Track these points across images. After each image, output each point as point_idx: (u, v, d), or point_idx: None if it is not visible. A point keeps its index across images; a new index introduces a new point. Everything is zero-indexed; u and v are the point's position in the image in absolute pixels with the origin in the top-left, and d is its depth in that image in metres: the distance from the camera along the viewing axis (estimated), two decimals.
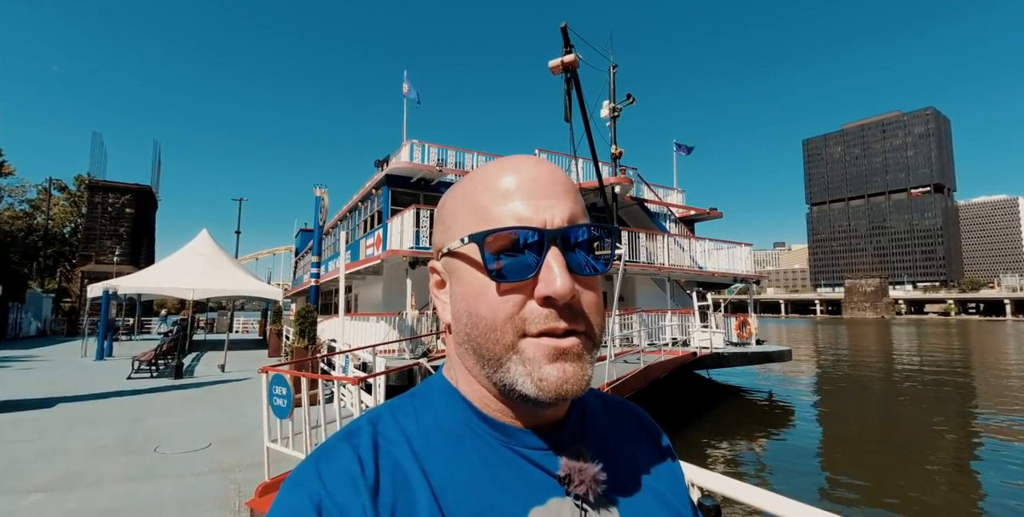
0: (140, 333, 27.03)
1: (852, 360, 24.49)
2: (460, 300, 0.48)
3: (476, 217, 0.46)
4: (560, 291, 0.42)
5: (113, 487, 4.21)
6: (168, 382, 9.94)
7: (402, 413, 0.49)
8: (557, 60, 7.91)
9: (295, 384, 4.15)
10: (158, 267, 16.58)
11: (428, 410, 0.50)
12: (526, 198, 0.45)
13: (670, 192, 18.03)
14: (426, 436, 0.47)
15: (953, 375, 18.43)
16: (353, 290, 16.85)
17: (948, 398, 13.74)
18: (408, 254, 10.45)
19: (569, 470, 0.47)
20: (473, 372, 0.49)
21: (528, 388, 0.44)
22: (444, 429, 0.48)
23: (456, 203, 0.49)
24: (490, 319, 0.45)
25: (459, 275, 0.48)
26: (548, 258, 0.44)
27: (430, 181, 13.23)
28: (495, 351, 0.45)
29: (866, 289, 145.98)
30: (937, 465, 7.96)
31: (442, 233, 0.51)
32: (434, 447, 0.46)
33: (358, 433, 0.47)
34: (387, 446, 0.46)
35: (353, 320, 11.61)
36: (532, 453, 0.48)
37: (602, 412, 0.58)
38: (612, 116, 13.36)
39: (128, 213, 39.27)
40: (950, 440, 9.54)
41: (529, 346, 0.44)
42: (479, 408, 0.49)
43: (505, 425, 0.48)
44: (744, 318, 14.85)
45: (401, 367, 5.72)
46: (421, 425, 0.48)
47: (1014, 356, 26.10)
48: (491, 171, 0.48)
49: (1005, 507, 6.12)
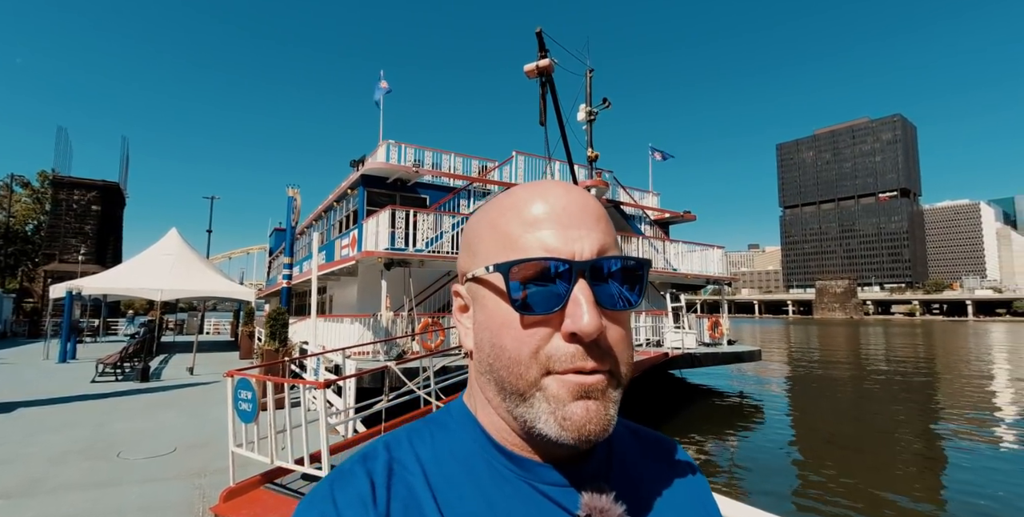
0: (106, 335, 26.25)
1: (822, 360, 25.21)
2: (483, 329, 0.47)
3: (502, 245, 0.45)
4: (587, 329, 0.41)
5: (74, 494, 4.12)
6: (134, 385, 9.71)
7: (419, 439, 0.48)
8: (532, 64, 8.00)
9: (263, 388, 4.12)
10: (125, 267, 16.14)
11: (445, 437, 0.49)
12: (555, 227, 0.44)
13: (645, 195, 18.30)
14: (441, 465, 0.46)
15: (918, 375, 19.07)
16: (328, 291, 16.67)
17: (913, 397, 14.21)
18: (383, 255, 10.41)
19: (590, 510, 0.44)
20: (493, 403, 0.47)
21: (551, 427, 0.42)
22: (459, 458, 0.47)
23: (482, 228, 0.48)
24: (514, 353, 0.43)
25: (483, 303, 0.47)
26: (576, 291, 0.42)
27: (406, 182, 13.18)
28: (518, 385, 0.43)
29: (836, 290, 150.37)
30: (902, 462, 8.25)
31: (467, 258, 0.49)
32: (449, 477, 0.45)
33: (374, 457, 0.46)
34: (401, 472, 0.45)
35: (327, 322, 11.50)
36: (550, 489, 0.46)
37: (633, 447, 0.56)
38: (588, 120, 13.51)
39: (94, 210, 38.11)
40: (915, 438, 9.90)
41: (553, 383, 0.43)
42: (497, 440, 0.48)
43: (523, 458, 0.47)
44: (716, 319, 15.18)
45: (370, 370, 5.70)
46: (437, 453, 0.47)
47: (975, 356, 27.17)
48: (520, 197, 0.47)
49: (965, 503, 6.37)
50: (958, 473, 7.66)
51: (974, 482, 7.14)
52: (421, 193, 13.44)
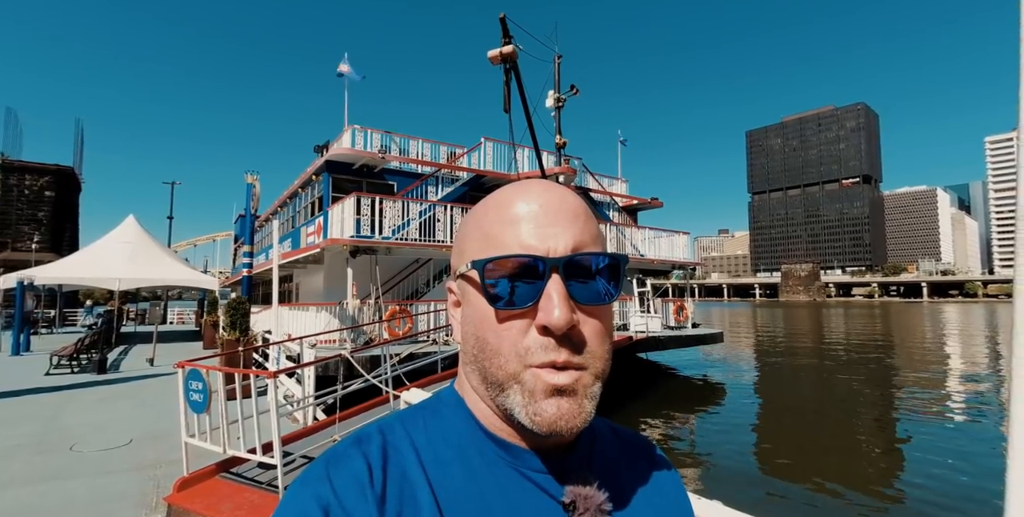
0: (63, 326, 25.32)
1: (786, 342, 26.19)
2: (468, 322, 0.49)
3: (484, 243, 0.47)
4: (556, 322, 0.42)
5: (21, 488, 4.05)
6: (91, 378, 9.46)
7: (412, 424, 0.50)
8: (496, 50, 7.92)
9: (219, 378, 4.10)
10: (80, 255, 15.57)
11: (438, 423, 0.50)
12: (532, 225, 0.45)
13: (614, 182, 18.48)
14: (434, 449, 0.47)
15: (875, 355, 19.92)
16: (294, 279, 16.41)
17: (871, 376, 14.86)
18: (349, 243, 10.30)
19: (575, 497, 0.46)
20: (479, 391, 0.49)
21: (524, 420, 0.44)
22: (451, 443, 0.48)
23: (469, 227, 0.50)
24: (494, 345, 0.45)
25: (468, 298, 0.49)
26: (548, 287, 0.44)
27: (373, 168, 12.99)
28: (498, 376, 0.45)
29: (800, 274, 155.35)
30: (860, 437, 8.66)
31: (457, 256, 0.51)
32: (441, 461, 0.47)
33: (368, 440, 0.47)
34: (396, 456, 0.46)
35: (292, 310, 11.37)
36: (537, 476, 0.48)
37: (613, 444, 0.58)
38: (556, 106, 13.51)
39: (47, 196, 36.46)
40: (873, 414, 10.38)
41: (530, 378, 0.44)
42: (486, 426, 0.49)
43: (512, 445, 0.48)
44: (681, 303, 15.57)
45: (324, 359, 5.70)
46: (430, 438, 0.48)
47: (929, 336, 28.60)
48: (503, 196, 0.49)
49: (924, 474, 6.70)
50: (913, 446, 8.02)
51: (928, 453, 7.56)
52: (388, 179, 13.26)
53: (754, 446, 8.25)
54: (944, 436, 8.55)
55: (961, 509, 5.61)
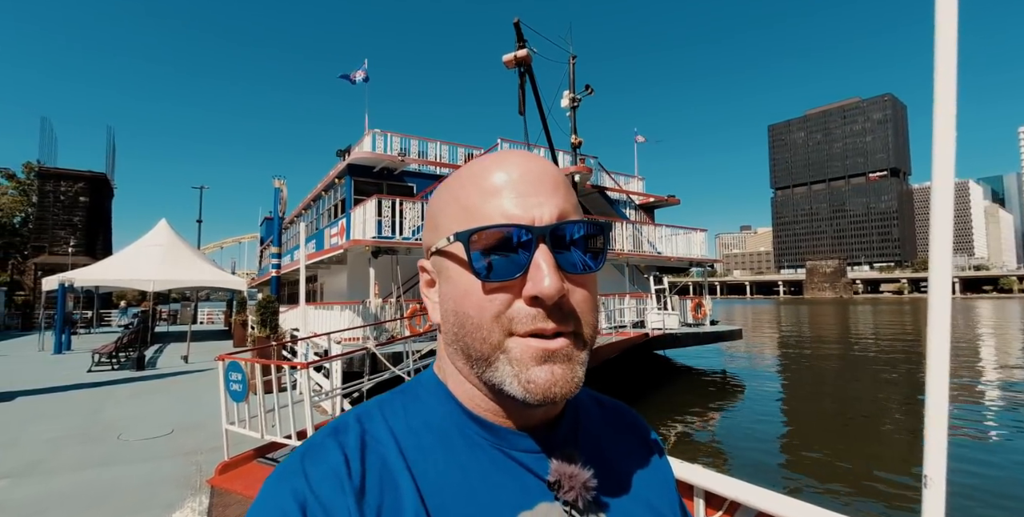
0: (99, 326, 26.40)
1: (810, 339, 25.78)
2: (448, 299, 0.47)
3: (463, 215, 0.45)
4: (547, 291, 0.42)
5: (74, 473, 4.39)
6: (130, 374, 9.95)
7: (390, 410, 0.48)
8: (510, 54, 8.13)
9: (253, 370, 4.39)
10: (115, 259, 16.25)
11: (417, 408, 0.49)
12: (514, 195, 0.44)
13: (631, 179, 18.53)
14: (415, 436, 0.46)
15: (904, 352, 19.34)
16: (318, 279, 16.88)
17: (899, 373, 14.48)
18: (370, 243, 10.62)
19: (559, 475, 0.46)
20: (463, 372, 0.48)
21: (515, 390, 0.43)
22: (433, 428, 0.47)
23: (444, 201, 0.48)
24: (477, 318, 0.44)
25: (447, 274, 0.47)
26: (536, 256, 0.43)
27: (393, 170, 13.33)
28: (483, 350, 0.44)
29: (826, 270, 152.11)
30: (887, 436, 8.43)
31: (431, 231, 0.49)
32: (423, 447, 0.46)
33: (345, 430, 0.46)
34: (374, 445, 0.45)
35: (317, 309, 11.75)
36: (522, 456, 0.47)
37: (597, 414, 0.58)
38: (572, 106, 13.65)
39: (82, 201, 37.81)
40: (901, 413, 10.01)
41: (517, 346, 0.43)
42: (469, 408, 0.48)
43: (495, 426, 0.48)
44: (699, 300, 15.56)
45: (351, 352, 6.00)
46: (410, 424, 0.47)
47: (961, 333, 27.55)
48: (479, 167, 0.47)
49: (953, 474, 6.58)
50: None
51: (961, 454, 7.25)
52: (408, 181, 13.60)
53: (772, 440, 8.22)
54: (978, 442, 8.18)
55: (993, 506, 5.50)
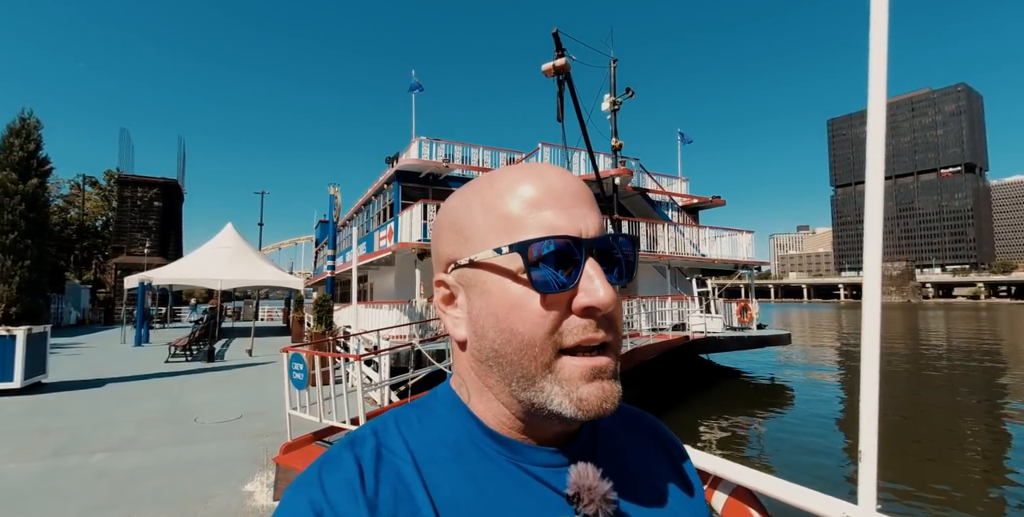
0: (172, 321, 28.55)
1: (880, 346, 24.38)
2: (486, 315, 0.45)
3: (503, 227, 0.44)
4: (605, 300, 0.42)
5: (162, 449, 5.03)
6: (202, 365, 10.90)
7: (406, 424, 0.48)
8: (549, 64, 8.40)
9: (312, 362, 4.89)
10: (188, 259, 17.64)
11: (433, 422, 0.48)
12: (558, 207, 0.44)
13: (674, 181, 18.39)
14: (429, 449, 0.46)
15: (979, 362, 17.91)
16: (368, 280, 17.72)
17: (974, 385, 13.50)
18: (416, 246, 11.17)
19: (578, 489, 0.45)
20: (494, 389, 0.47)
21: (566, 408, 0.43)
22: (448, 442, 0.47)
23: (474, 210, 0.46)
24: (528, 335, 0.43)
25: (483, 288, 0.45)
26: (587, 268, 0.43)
27: (438, 176, 13.89)
28: (529, 369, 0.43)
29: (892, 273, 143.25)
30: (961, 453, 7.84)
31: (456, 243, 0.47)
32: (437, 461, 0.45)
33: (361, 443, 0.46)
34: (390, 457, 0.45)
35: (367, 308, 12.42)
36: (539, 470, 0.46)
37: (618, 425, 0.56)
38: (612, 110, 13.76)
39: (156, 206, 40.82)
40: (973, 429, 9.31)
41: (565, 366, 0.43)
42: (491, 424, 0.48)
43: (512, 441, 0.47)
44: (745, 303, 15.27)
45: (398, 347, 6.48)
46: (425, 437, 0.47)
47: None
48: (513, 178, 0.46)
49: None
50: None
51: None
52: (452, 186, 14.12)
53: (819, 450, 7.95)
54: None
55: None
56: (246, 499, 3.78)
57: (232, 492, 3.91)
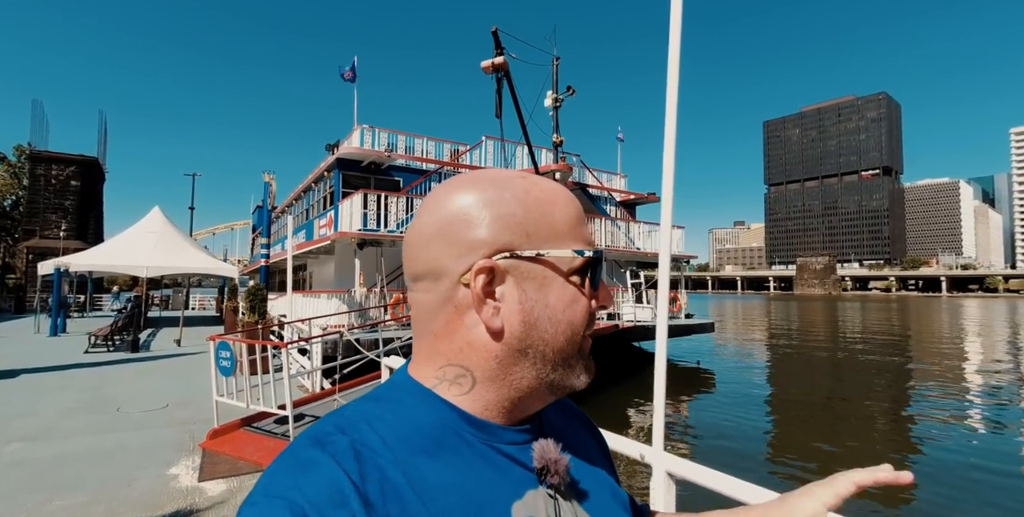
0: (92, 310, 26.80)
1: (796, 334, 26.48)
2: (542, 307, 0.49)
3: (568, 231, 0.51)
4: (611, 302, 0.54)
5: (83, 438, 4.98)
6: (125, 356, 10.50)
7: (377, 419, 0.47)
8: (488, 61, 8.64)
9: (240, 351, 4.99)
10: (109, 244, 16.68)
11: (404, 414, 0.49)
12: (584, 225, 0.53)
13: (613, 177, 19.12)
14: (408, 442, 0.46)
15: (889, 350, 19.68)
16: (308, 268, 17.43)
17: (883, 370, 14.84)
18: (356, 236, 11.18)
19: (545, 462, 0.49)
20: (517, 375, 0.49)
21: (582, 379, 0.52)
22: (425, 433, 0.47)
23: (533, 209, 0.50)
24: (579, 326, 0.50)
25: (543, 281, 0.49)
26: (603, 275, 0.53)
27: (380, 165, 13.84)
28: (571, 353, 0.50)
29: (816, 267, 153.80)
30: (869, 434, 8.55)
31: (515, 234, 0.48)
32: (417, 452, 0.46)
33: (331, 442, 0.44)
34: (370, 455, 0.43)
35: (305, 297, 12.32)
36: (510, 448, 0.50)
37: (552, 405, 0.60)
38: (555, 106, 14.16)
39: (73, 186, 37.88)
40: (881, 410, 10.21)
41: (586, 346, 0.53)
42: (471, 410, 0.49)
43: (486, 423, 0.50)
44: (674, 294, 16.25)
45: (325, 334, 6.62)
46: (400, 431, 0.47)
47: (947, 331, 28.29)
48: (565, 191, 0.54)
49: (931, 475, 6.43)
50: (924, 444, 7.92)
51: (938, 455, 7.39)
52: (395, 176, 14.12)
53: (734, 427, 8.54)
54: (959, 435, 8.41)
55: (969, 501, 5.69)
56: (170, 481, 3.89)
57: (156, 476, 3.99)
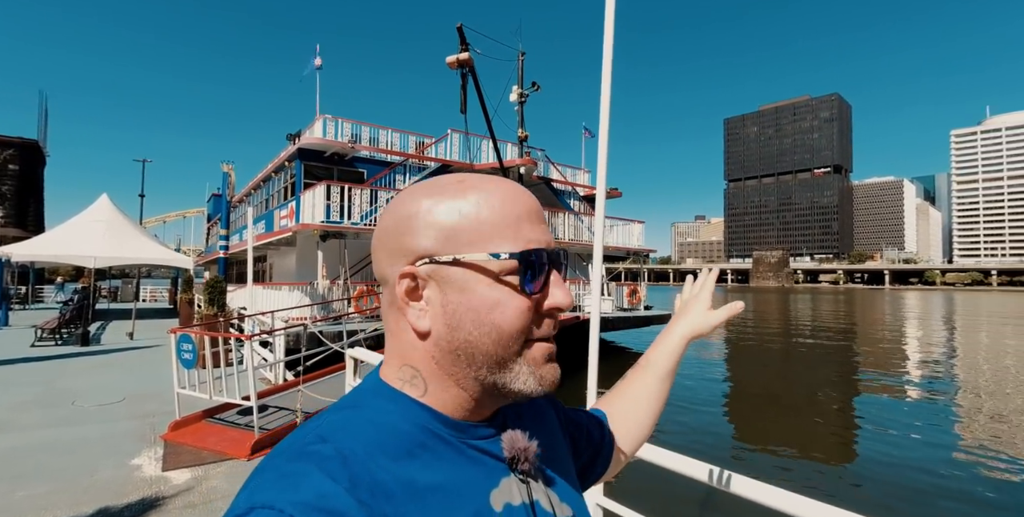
0: (34, 302, 25.45)
1: (752, 325, 27.85)
2: (465, 310, 0.49)
3: (491, 233, 0.49)
4: (567, 303, 0.52)
5: (40, 431, 4.92)
6: (75, 349, 10.17)
7: (354, 426, 0.48)
8: (453, 57, 8.73)
9: (202, 344, 5.01)
10: (54, 233, 15.90)
11: (383, 419, 0.50)
12: (534, 222, 0.51)
13: (577, 172, 19.47)
14: (389, 445, 0.47)
15: (838, 338, 21.17)
16: (268, 259, 17.11)
17: (833, 357, 15.99)
18: (319, 228, 11.11)
19: (515, 452, 0.53)
20: (457, 376, 0.51)
21: (531, 385, 0.50)
22: (404, 434, 0.49)
23: (457, 214, 0.49)
24: (508, 330, 0.49)
25: (464, 285, 0.49)
26: (554, 275, 0.52)
27: (343, 156, 13.70)
28: (503, 356, 0.49)
29: (771, 260, 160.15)
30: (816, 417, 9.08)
31: (435, 240, 0.49)
32: (400, 456, 0.47)
33: (314, 451, 0.44)
34: (356, 460, 0.44)
35: (265, 289, 12.18)
36: (481, 443, 0.52)
37: None
38: (520, 101, 14.33)
39: (11, 169, 35.70)
40: (831, 395, 10.95)
41: (533, 351, 0.51)
42: (443, 409, 0.51)
43: (458, 421, 0.52)
44: (634, 287, 16.82)
45: (289, 326, 6.67)
46: (380, 435, 0.48)
47: (889, 320, 30.77)
48: (502, 191, 0.51)
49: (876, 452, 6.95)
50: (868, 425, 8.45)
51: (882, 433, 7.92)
52: (358, 167, 14.01)
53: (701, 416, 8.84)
54: (899, 413, 9.12)
55: (906, 477, 6.19)
56: (134, 471, 3.94)
57: (118, 466, 4.04)
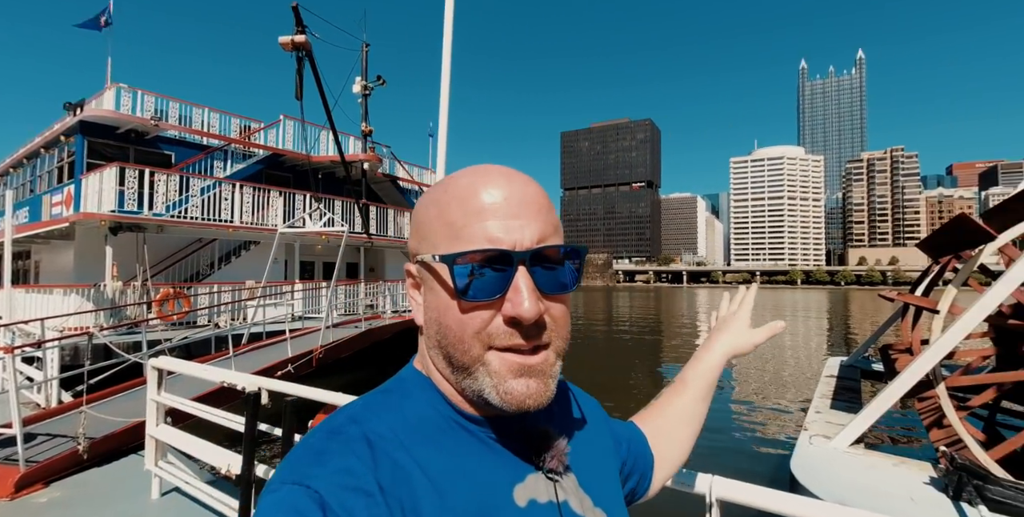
0: None
1: (584, 318, 31.37)
2: (431, 309, 0.49)
3: (448, 232, 0.47)
4: (527, 315, 0.44)
5: None
6: None
7: (384, 409, 0.49)
8: (287, 38, 7.97)
9: None
10: None
11: (410, 404, 0.50)
12: (498, 218, 0.46)
13: (424, 172, 19.29)
14: (414, 430, 0.47)
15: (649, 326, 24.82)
16: (33, 256, 13.70)
17: (644, 344, 18.54)
18: (108, 218, 9.22)
19: (543, 448, 0.51)
20: (444, 373, 0.50)
21: (494, 399, 0.46)
22: (428, 421, 0.49)
23: (431, 214, 0.49)
24: (457, 332, 0.46)
25: (430, 285, 0.49)
26: (517, 280, 0.45)
27: (144, 134, 11.55)
28: (463, 360, 0.47)
29: (598, 262, 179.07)
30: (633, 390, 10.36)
31: (417, 240, 0.51)
32: (423, 440, 0.47)
33: (343, 432, 0.46)
34: (381, 443, 0.45)
35: (29, 293, 9.71)
36: (505, 441, 0.50)
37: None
38: (364, 94, 13.70)
39: None
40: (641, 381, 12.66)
41: (496, 359, 0.46)
42: (454, 402, 0.50)
43: (478, 416, 0.50)
44: None
45: (67, 337, 5.42)
46: (407, 419, 0.48)
47: (687, 314, 37.07)
48: (466, 185, 0.48)
49: None
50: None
51: None
52: (164, 149, 11.95)
53: None
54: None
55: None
56: None
57: None
